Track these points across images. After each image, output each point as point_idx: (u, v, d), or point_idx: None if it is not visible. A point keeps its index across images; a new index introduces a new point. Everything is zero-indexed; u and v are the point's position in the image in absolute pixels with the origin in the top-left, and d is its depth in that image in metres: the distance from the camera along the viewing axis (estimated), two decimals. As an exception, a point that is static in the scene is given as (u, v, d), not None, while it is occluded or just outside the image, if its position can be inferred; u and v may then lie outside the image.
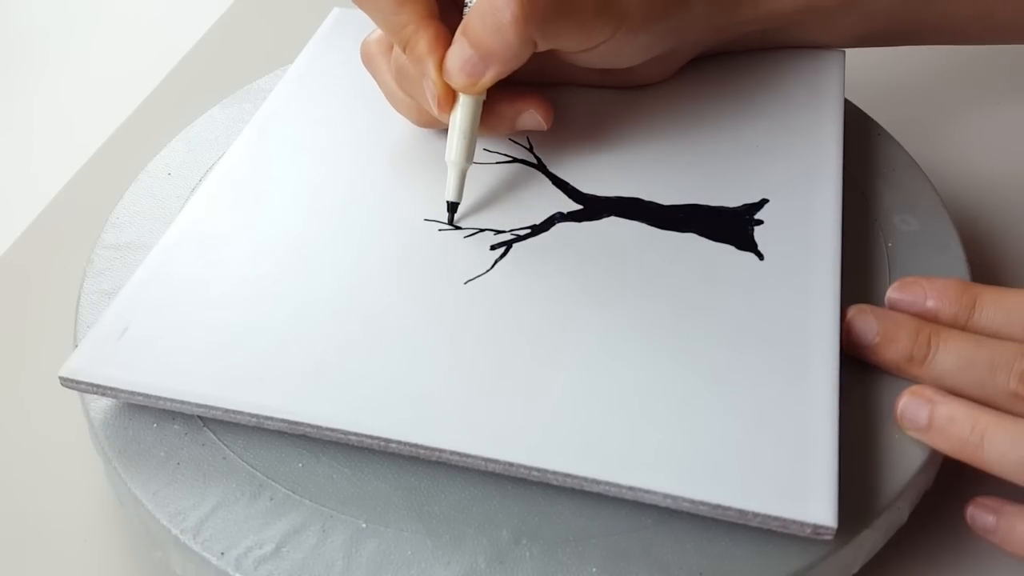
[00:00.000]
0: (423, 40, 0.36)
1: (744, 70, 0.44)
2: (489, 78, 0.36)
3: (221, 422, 0.33)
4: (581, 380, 0.32)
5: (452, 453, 0.31)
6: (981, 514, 0.32)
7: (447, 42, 0.36)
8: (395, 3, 0.36)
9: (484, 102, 0.38)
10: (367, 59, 0.41)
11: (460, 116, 0.37)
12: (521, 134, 0.41)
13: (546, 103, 0.39)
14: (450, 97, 0.37)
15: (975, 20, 0.44)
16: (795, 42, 0.44)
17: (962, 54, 0.52)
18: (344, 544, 0.30)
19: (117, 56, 0.61)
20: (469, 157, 0.38)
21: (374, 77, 0.41)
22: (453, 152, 0.38)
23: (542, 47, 0.36)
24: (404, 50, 0.37)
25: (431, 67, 0.36)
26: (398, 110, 0.41)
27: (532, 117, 0.39)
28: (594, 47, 0.38)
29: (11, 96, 0.59)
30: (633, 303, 0.35)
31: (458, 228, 0.38)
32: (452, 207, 0.38)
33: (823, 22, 0.43)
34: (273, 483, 0.32)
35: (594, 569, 0.30)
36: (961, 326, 0.34)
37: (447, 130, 0.38)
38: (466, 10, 0.37)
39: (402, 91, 0.39)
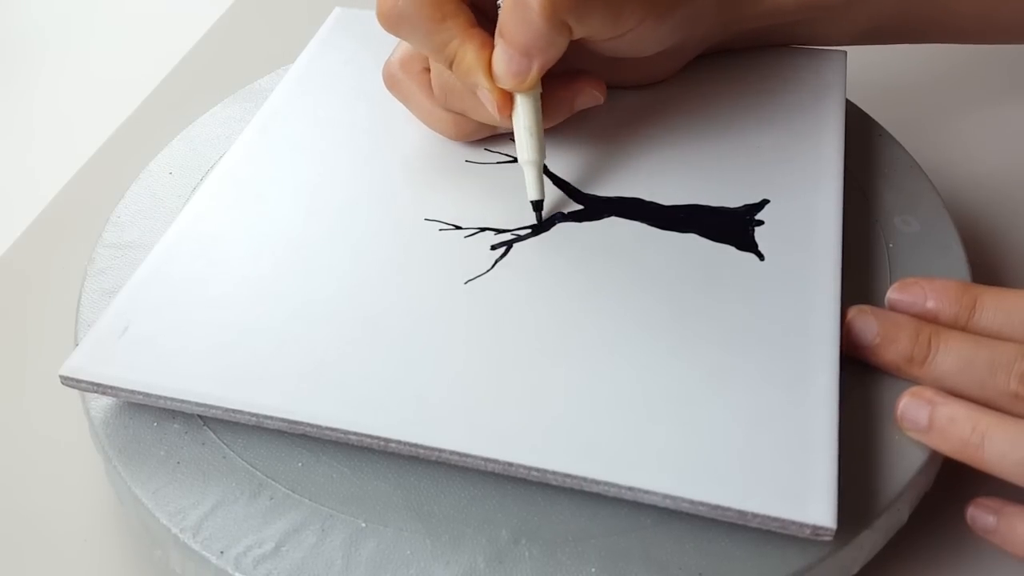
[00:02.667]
0: (469, 51, 0.36)
1: (746, 71, 0.44)
2: (535, 72, 0.36)
3: (221, 421, 0.33)
4: (581, 380, 0.32)
5: (452, 453, 0.31)
6: (981, 515, 0.32)
7: (492, 47, 0.36)
8: (436, 21, 0.36)
9: (541, 95, 0.38)
10: (391, 82, 0.41)
11: (523, 115, 0.37)
12: (580, 115, 0.41)
13: (596, 78, 0.39)
14: (508, 100, 0.37)
15: (976, 18, 0.44)
16: (799, 39, 0.44)
17: (963, 54, 0.52)
18: (343, 543, 0.30)
19: (117, 56, 0.61)
20: (542, 152, 0.37)
21: (403, 100, 0.41)
22: (526, 151, 0.37)
23: (577, 33, 0.36)
24: (450, 66, 0.37)
25: (482, 76, 0.36)
26: (433, 127, 0.41)
27: (589, 94, 0.39)
28: (623, 34, 0.38)
29: (11, 96, 0.59)
30: (633, 303, 0.35)
31: (459, 228, 0.38)
32: (538, 205, 0.38)
33: (827, 19, 0.43)
34: (273, 482, 0.32)
35: (593, 569, 0.30)
36: (961, 327, 0.34)
37: (475, 142, 0.39)
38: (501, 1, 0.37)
39: (448, 107, 0.39)
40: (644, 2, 0.37)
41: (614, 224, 0.38)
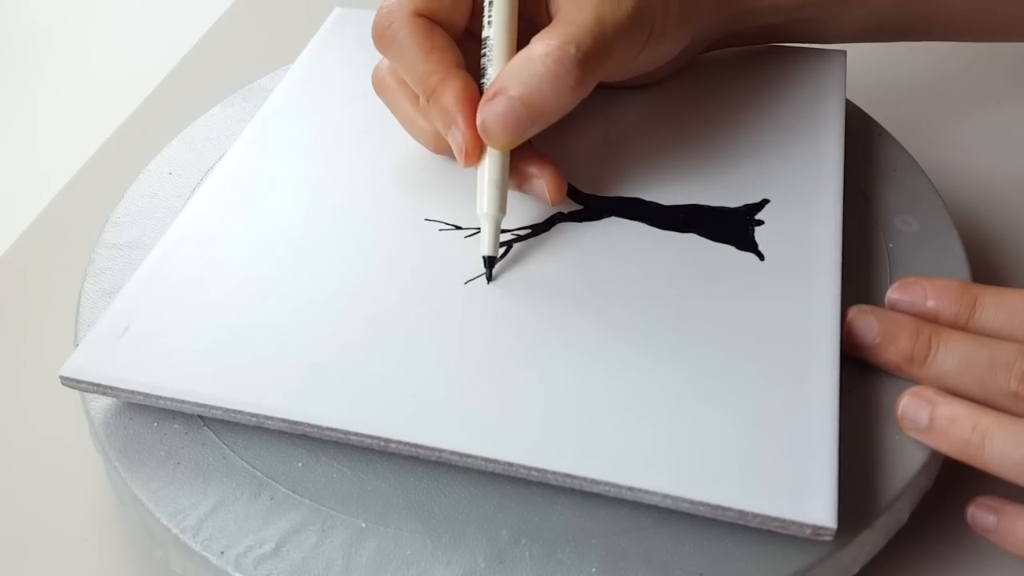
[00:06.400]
0: (450, 93, 0.35)
1: (745, 70, 0.44)
2: (533, 133, 0.35)
3: (221, 421, 0.33)
4: (581, 380, 0.32)
5: (452, 453, 0.31)
6: (982, 514, 0.32)
7: (474, 95, 0.36)
8: (423, 52, 0.36)
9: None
10: (379, 86, 0.40)
11: (490, 166, 0.36)
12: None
13: (560, 180, 0.37)
14: (479, 149, 0.36)
15: (977, 14, 0.44)
16: (799, 37, 0.44)
17: (963, 55, 0.52)
18: (344, 544, 0.30)
19: (117, 56, 0.61)
20: (503, 208, 0.36)
21: (387, 104, 0.40)
22: (486, 204, 0.36)
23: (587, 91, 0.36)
24: (427, 100, 0.36)
25: (460, 119, 0.35)
26: (415, 137, 0.40)
27: (541, 188, 0.37)
28: (631, 62, 0.38)
29: (12, 96, 0.59)
30: (633, 303, 0.35)
31: (459, 228, 0.38)
32: (490, 262, 0.36)
33: (827, 17, 0.43)
34: (273, 482, 0.32)
35: (593, 569, 0.30)
36: (961, 326, 0.34)
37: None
38: (487, 51, 0.37)
39: (430, 122, 0.38)
40: (646, 30, 0.37)
41: (614, 224, 0.38)
